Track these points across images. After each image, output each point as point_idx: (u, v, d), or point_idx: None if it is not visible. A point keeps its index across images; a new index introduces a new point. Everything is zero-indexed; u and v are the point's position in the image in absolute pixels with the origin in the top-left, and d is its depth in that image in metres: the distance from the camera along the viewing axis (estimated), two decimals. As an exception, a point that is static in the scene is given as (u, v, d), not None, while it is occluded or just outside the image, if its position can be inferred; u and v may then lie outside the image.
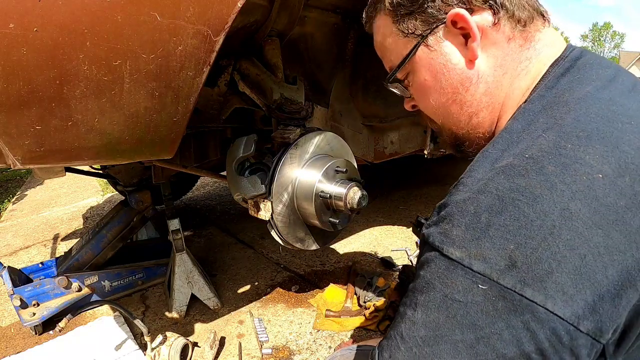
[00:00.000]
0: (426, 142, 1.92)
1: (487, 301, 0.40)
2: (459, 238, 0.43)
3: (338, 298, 1.75)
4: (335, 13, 1.65)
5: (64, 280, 1.59)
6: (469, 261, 0.41)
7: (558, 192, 0.40)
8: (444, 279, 0.43)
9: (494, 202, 0.42)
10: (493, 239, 0.41)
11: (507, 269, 0.39)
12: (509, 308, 0.39)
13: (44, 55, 0.61)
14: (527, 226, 0.39)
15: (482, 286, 0.40)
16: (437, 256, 0.45)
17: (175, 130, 0.82)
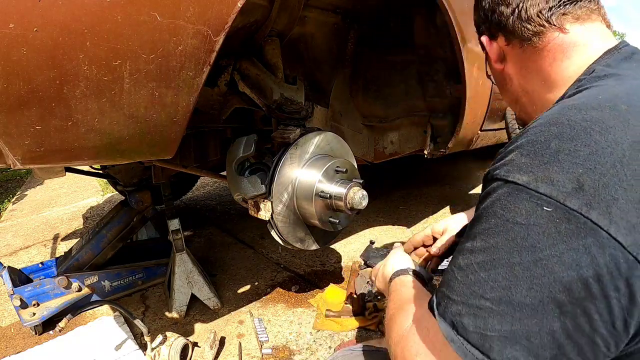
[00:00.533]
0: (426, 142, 1.92)
1: (550, 223, 0.40)
2: (525, 164, 0.44)
3: (338, 298, 1.75)
4: (335, 13, 1.65)
5: (64, 280, 1.59)
6: (535, 184, 0.42)
7: (630, 126, 0.42)
8: (507, 204, 0.44)
9: (565, 130, 0.43)
10: (562, 163, 0.42)
11: (574, 192, 0.40)
12: (572, 230, 0.39)
13: (44, 55, 0.61)
14: (598, 152, 0.40)
15: (547, 208, 0.41)
16: (500, 185, 0.46)
17: (175, 130, 0.82)
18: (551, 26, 0.63)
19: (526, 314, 0.41)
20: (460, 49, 1.47)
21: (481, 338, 0.43)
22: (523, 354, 0.42)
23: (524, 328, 0.41)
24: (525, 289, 0.41)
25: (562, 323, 0.40)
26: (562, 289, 0.40)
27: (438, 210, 2.91)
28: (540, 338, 0.41)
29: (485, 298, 0.44)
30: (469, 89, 1.61)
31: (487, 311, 0.43)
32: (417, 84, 1.84)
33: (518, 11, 0.65)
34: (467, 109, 1.67)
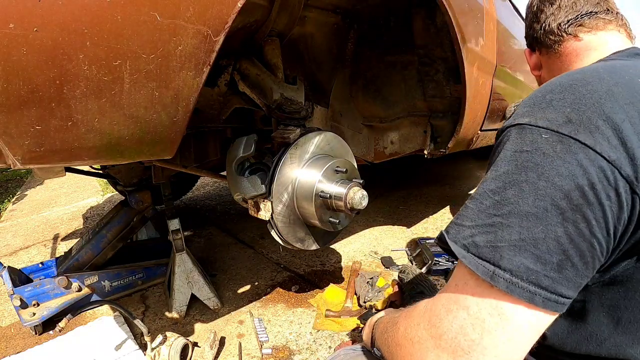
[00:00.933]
0: (426, 142, 1.92)
1: (548, 145, 0.50)
2: (527, 112, 0.55)
3: (338, 298, 1.75)
4: (335, 13, 1.65)
5: (64, 280, 1.59)
6: (535, 122, 0.53)
7: (605, 80, 0.53)
8: (514, 140, 0.54)
9: (556, 87, 0.56)
10: (554, 107, 0.53)
11: (565, 123, 0.50)
12: (565, 149, 0.48)
13: (44, 55, 0.61)
14: (581, 98, 0.52)
15: (545, 135, 0.51)
16: (508, 130, 0.56)
17: (175, 130, 0.82)
18: (568, 35, 0.80)
19: (533, 222, 0.47)
20: (460, 49, 1.47)
21: (492, 251, 0.49)
22: (531, 261, 0.47)
23: (531, 236, 0.47)
24: (532, 200, 0.48)
25: (565, 229, 0.47)
26: (563, 196, 0.47)
27: (438, 210, 2.91)
28: (547, 244, 0.47)
29: (496, 215, 0.50)
30: (469, 89, 1.61)
31: (497, 226, 0.49)
32: (417, 84, 1.84)
33: (544, 26, 0.84)
34: (467, 109, 1.67)
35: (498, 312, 0.48)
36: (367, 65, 1.88)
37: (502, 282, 0.47)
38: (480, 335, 0.49)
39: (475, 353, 0.49)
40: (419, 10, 1.63)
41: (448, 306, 0.53)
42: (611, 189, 0.46)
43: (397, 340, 0.61)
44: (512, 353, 0.49)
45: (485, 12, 1.69)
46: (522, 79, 2.48)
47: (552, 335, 0.61)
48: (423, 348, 0.54)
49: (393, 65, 1.84)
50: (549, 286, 0.47)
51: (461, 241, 0.52)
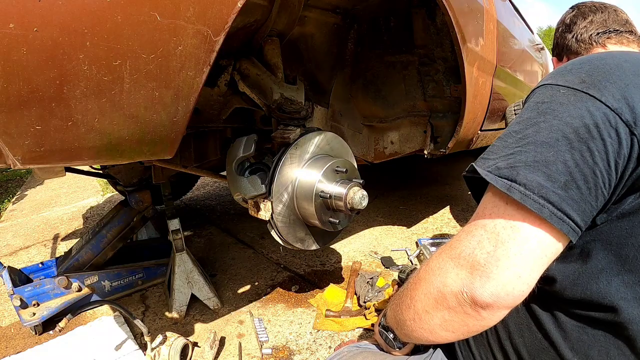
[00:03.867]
0: (426, 142, 1.92)
1: (563, 97, 0.60)
2: (551, 77, 0.66)
3: (338, 298, 1.75)
4: (335, 13, 1.65)
5: (64, 280, 1.59)
6: (555, 81, 0.63)
7: (617, 58, 0.63)
8: (537, 95, 0.64)
9: (577, 62, 0.66)
10: (573, 73, 0.63)
11: (579, 83, 0.60)
12: (577, 99, 0.58)
13: (44, 55, 0.61)
14: (595, 68, 0.61)
15: (562, 90, 0.61)
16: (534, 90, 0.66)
17: (175, 130, 0.82)
18: (597, 44, 0.96)
19: (546, 148, 0.57)
20: (460, 49, 1.47)
21: (510, 170, 0.57)
22: (543, 178, 0.55)
23: (543, 158, 0.56)
24: (546, 133, 0.58)
25: (572, 155, 0.55)
26: (572, 130, 0.56)
27: (438, 210, 2.91)
28: (556, 166, 0.55)
29: (517, 146, 0.59)
30: (469, 89, 1.61)
31: (516, 153, 0.59)
32: (417, 84, 1.84)
33: (577, 35, 1.01)
34: (467, 109, 1.67)
35: (510, 224, 0.56)
36: (367, 65, 1.88)
37: (517, 193, 0.55)
38: (494, 246, 0.56)
39: (489, 265, 0.56)
40: (419, 10, 1.63)
41: (467, 229, 0.61)
42: (612, 129, 0.55)
43: (418, 277, 0.68)
44: (523, 267, 0.55)
45: (485, 12, 1.69)
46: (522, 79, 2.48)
47: (563, 278, 0.64)
48: (443, 271, 0.61)
49: (393, 65, 1.84)
50: (555, 202, 0.54)
51: (486, 168, 0.61)
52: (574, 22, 1.05)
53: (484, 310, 0.56)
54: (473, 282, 0.56)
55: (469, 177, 0.66)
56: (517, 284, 0.54)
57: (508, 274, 0.54)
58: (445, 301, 0.60)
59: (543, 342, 0.67)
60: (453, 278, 0.59)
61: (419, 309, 0.65)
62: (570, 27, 1.05)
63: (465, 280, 0.57)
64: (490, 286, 0.55)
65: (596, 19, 1.00)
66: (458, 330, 0.61)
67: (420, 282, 0.65)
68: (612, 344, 0.61)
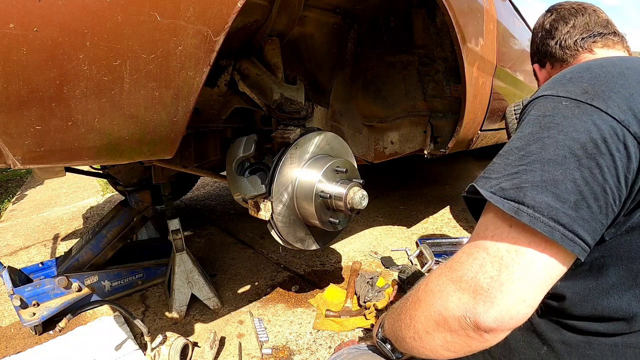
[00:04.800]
0: (426, 142, 1.92)
1: (567, 110, 0.58)
2: (550, 87, 0.63)
3: (338, 298, 1.75)
4: (335, 13, 1.65)
5: (64, 280, 1.59)
6: (556, 92, 0.61)
7: (618, 65, 0.62)
8: (537, 107, 0.62)
9: (575, 69, 0.64)
10: (573, 83, 0.61)
11: (581, 94, 0.58)
12: (582, 111, 0.56)
13: (44, 55, 0.61)
14: (596, 77, 0.60)
15: (565, 102, 0.58)
16: (533, 101, 0.64)
17: (175, 130, 0.82)
18: (583, 50, 0.90)
19: (553, 166, 0.54)
20: (460, 49, 1.47)
21: (516, 191, 0.55)
22: (552, 199, 0.53)
23: (551, 177, 0.54)
24: (552, 150, 0.55)
25: (581, 172, 0.53)
26: (579, 146, 0.54)
27: (438, 210, 2.91)
28: (565, 185, 0.53)
29: (521, 165, 0.57)
30: (469, 89, 1.61)
31: (522, 172, 0.56)
32: (417, 84, 1.84)
33: (560, 42, 0.94)
34: (467, 109, 1.67)
35: (515, 249, 0.54)
36: (367, 65, 1.88)
37: (525, 216, 0.53)
38: (498, 271, 0.54)
39: (493, 290, 0.53)
40: (419, 10, 1.63)
41: (469, 251, 0.58)
42: (620, 143, 0.53)
43: (418, 297, 0.65)
44: (527, 292, 0.53)
45: (485, 12, 1.69)
46: (522, 79, 2.48)
47: (573, 294, 0.63)
48: (444, 294, 0.59)
49: (393, 65, 1.84)
50: (566, 223, 0.52)
51: (488, 189, 0.58)
52: (554, 27, 0.97)
53: (487, 333, 0.55)
54: (476, 307, 0.55)
55: (470, 197, 0.63)
56: (521, 308, 0.53)
57: (512, 299, 0.53)
58: (447, 324, 0.59)
59: (547, 358, 0.66)
60: (455, 302, 0.57)
61: (419, 329, 0.63)
62: (552, 32, 0.98)
63: (467, 305, 0.56)
64: (494, 311, 0.53)
65: (578, 23, 0.93)
66: (460, 350, 0.60)
67: (420, 303, 0.64)
68: (621, 357, 0.61)
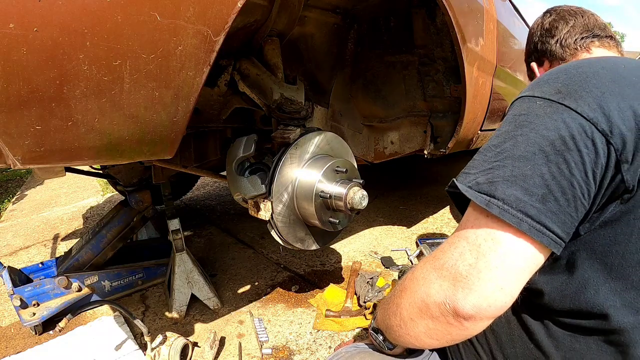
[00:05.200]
0: (426, 142, 1.92)
1: (540, 109, 0.60)
2: (528, 89, 0.66)
3: (338, 298, 1.75)
4: (335, 13, 1.65)
5: (64, 280, 1.59)
6: (532, 93, 0.64)
7: (593, 65, 0.63)
8: (513, 107, 0.65)
9: (554, 71, 0.66)
10: (549, 84, 0.63)
11: (555, 93, 0.60)
12: (553, 110, 0.58)
13: (44, 55, 0.61)
14: (571, 77, 0.61)
15: (538, 102, 0.61)
16: (513, 103, 0.67)
17: (175, 130, 0.82)
18: (582, 49, 0.94)
19: (523, 162, 0.57)
20: (460, 49, 1.47)
21: (489, 185, 0.58)
22: (520, 192, 0.56)
23: (521, 172, 0.57)
24: (523, 147, 0.58)
25: (549, 168, 0.56)
26: (548, 143, 0.56)
27: (438, 210, 2.91)
28: (533, 179, 0.56)
29: (495, 160, 0.60)
30: (469, 89, 1.61)
31: (495, 167, 0.59)
32: (417, 84, 1.84)
33: (561, 40, 0.98)
34: (467, 109, 1.67)
35: (491, 236, 0.57)
36: (367, 65, 1.88)
37: (495, 208, 0.56)
38: (476, 258, 0.56)
39: (471, 277, 0.56)
40: (419, 10, 1.63)
41: (451, 240, 0.62)
42: (588, 140, 0.55)
43: (403, 286, 0.67)
44: (505, 280, 0.55)
45: (485, 12, 1.69)
46: (522, 79, 2.48)
47: (551, 290, 0.65)
48: (427, 281, 0.62)
49: (393, 65, 1.84)
50: (534, 215, 0.55)
51: (466, 183, 0.62)
52: (555, 27, 1.01)
53: (466, 321, 0.56)
54: (455, 293, 0.56)
55: (453, 192, 0.66)
56: (499, 296, 0.55)
57: (490, 286, 0.55)
58: (428, 311, 0.60)
59: (535, 352, 0.67)
60: (436, 289, 0.59)
61: (404, 316, 0.65)
62: (552, 31, 1.02)
63: (447, 292, 0.57)
64: (473, 298, 0.55)
65: (578, 23, 0.98)
66: (442, 338, 0.62)
67: (406, 290, 0.66)
68: (604, 352, 0.62)
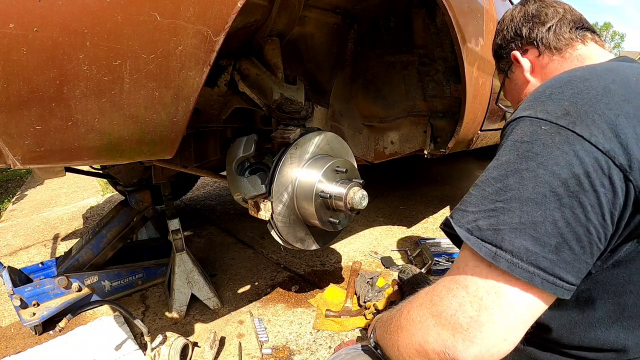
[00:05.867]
0: (426, 142, 1.92)
1: (547, 136, 0.53)
2: (528, 106, 0.58)
3: (338, 298, 1.75)
4: (335, 13, 1.65)
5: (64, 280, 1.59)
6: (535, 114, 0.56)
7: (603, 78, 0.56)
8: (515, 131, 0.57)
9: (555, 83, 0.59)
10: (553, 100, 0.56)
11: (563, 116, 0.53)
12: (563, 140, 0.51)
13: (44, 55, 0.61)
14: (579, 93, 0.55)
15: (544, 127, 0.54)
16: (511, 123, 0.59)
17: (175, 130, 0.82)
18: (577, 39, 0.83)
19: (532, 207, 0.51)
20: (460, 49, 1.47)
21: (494, 233, 0.52)
22: (531, 243, 0.50)
23: (530, 219, 0.50)
24: (531, 187, 0.51)
25: (562, 213, 0.50)
26: (560, 183, 0.50)
27: (438, 210, 2.91)
28: (545, 227, 0.50)
29: (498, 201, 0.53)
30: (469, 89, 1.61)
31: (499, 211, 0.53)
32: (417, 84, 1.84)
33: (553, 29, 0.86)
34: (467, 109, 1.67)
35: (495, 290, 0.51)
36: (367, 65, 1.88)
37: (503, 262, 0.50)
38: (477, 311, 0.52)
39: (472, 330, 0.52)
40: (419, 10, 1.63)
41: (449, 286, 0.56)
42: (605, 177, 0.49)
43: (400, 323, 0.63)
44: (508, 332, 0.51)
45: (485, 12, 1.69)
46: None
47: (559, 326, 0.62)
48: (424, 327, 0.58)
49: (393, 65, 1.84)
50: (547, 267, 0.49)
51: (465, 225, 0.55)
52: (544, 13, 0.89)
53: None
54: (455, 344, 0.53)
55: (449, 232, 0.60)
56: (501, 346, 0.52)
57: (493, 339, 0.51)
58: (427, 356, 0.58)
59: None
60: (434, 337, 0.56)
61: (402, 353, 0.63)
62: (541, 17, 0.89)
63: (447, 342, 0.54)
64: (474, 350, 0.52)
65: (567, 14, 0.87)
66: None
67: (402, 330, 0.62)
68: None
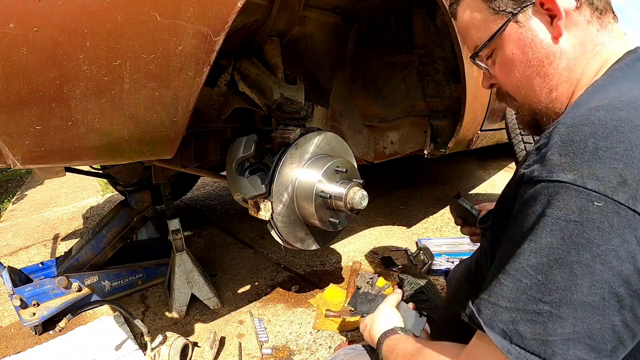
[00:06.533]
0: (426, 142, 1.92)
1: (603, 217, 0.41)
2: (567, 163, 0.44)
3: (338, 298, 1.75)
4: (335, 13, 1.65)
5: (64, 280, 1.59)
6: (582, 181, 0.43)
7: None
8: (555, 202, 0.44)
9: (598, 129, 0.44)
10: (603, 160, 0.43)
11: (620, 186, 0.41)
12: (624, 223, 0.41)
13: (44, 55, 0.61)
14: (632, 149, 0.42)
15: (598, 203, 0.42)
16: (544, 186, 0.46)
17: (175, 130, 0.82)
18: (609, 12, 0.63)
19: (589, 313, 0.42)
20: (460, 49, 1.47)
21: (542, 344, 0.43)
22: (586, 352, 0.42)
23: (586, 327, 0.42)
24: (587, 287, 0.42)
25: (622, 316, 0.42)
26: (622, 282, 0.41)
27: (438, 210, 2.91)
28: (602, 334, 0.42)
29: (544, 302, 0.43)
30: (469, 89, 1.61)
31: (546, 315, 0.43)
32: (417, 84, 1.84)
33: None
34: (467, 109, 1.67)
35: None
36: (367, 65, 1.88)
37: None
38: None
39: None
40: (419, 10, 1.63)
41: None
42: None
43: None
44: None
45: (485, 12, 1.68)
46: (522, 79, 2.47)
47: None
48: None
49: (393, 65, 1.84)
50: None
51: (499, 326, 0.46)
52: None
53: None
54: None
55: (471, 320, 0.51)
56: None
57: None
58: None
59: None
60: None
61: None
62: None
63: None
64: None
65: None
66: None
67: None
68: None
